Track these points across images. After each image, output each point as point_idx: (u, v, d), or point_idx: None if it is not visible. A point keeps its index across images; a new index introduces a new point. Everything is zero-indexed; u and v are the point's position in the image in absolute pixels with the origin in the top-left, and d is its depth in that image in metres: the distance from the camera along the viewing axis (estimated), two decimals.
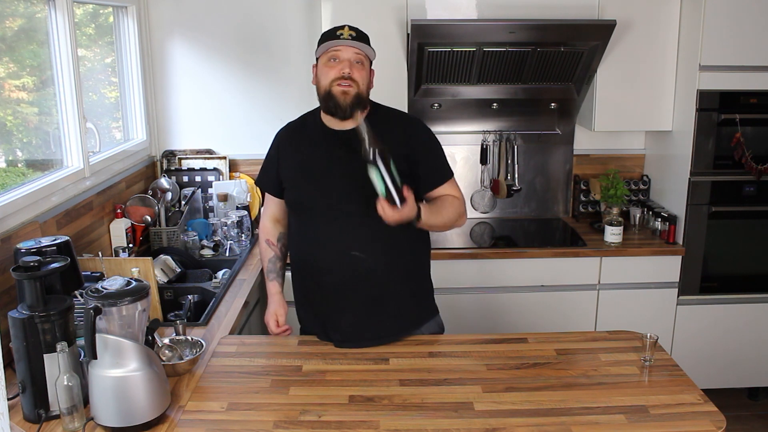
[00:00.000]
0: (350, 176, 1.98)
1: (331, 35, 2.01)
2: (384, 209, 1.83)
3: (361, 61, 2.01)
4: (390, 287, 2.08)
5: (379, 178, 1.80)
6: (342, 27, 2.02)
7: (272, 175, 2.17)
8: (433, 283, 2.26)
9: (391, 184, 1.80)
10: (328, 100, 2.01)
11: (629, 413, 1.66)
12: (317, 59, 2.07)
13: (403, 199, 1.83)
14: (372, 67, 2.09)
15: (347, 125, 2.04)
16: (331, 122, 2.07)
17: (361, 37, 2.02)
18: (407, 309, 2.12)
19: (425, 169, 2.08)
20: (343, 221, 2.02)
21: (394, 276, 2.08)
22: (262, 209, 2.33)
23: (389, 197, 1.81)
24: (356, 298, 2.06)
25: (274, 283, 2.26)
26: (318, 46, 2.07)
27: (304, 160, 2.09)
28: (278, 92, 3.50)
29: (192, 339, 2.01)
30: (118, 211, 2.89)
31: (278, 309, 2.24)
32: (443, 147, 2.15)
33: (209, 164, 3.49)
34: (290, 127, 2.21)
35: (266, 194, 2.26)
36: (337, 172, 2.03)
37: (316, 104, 2.13)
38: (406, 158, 2.00)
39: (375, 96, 2.15)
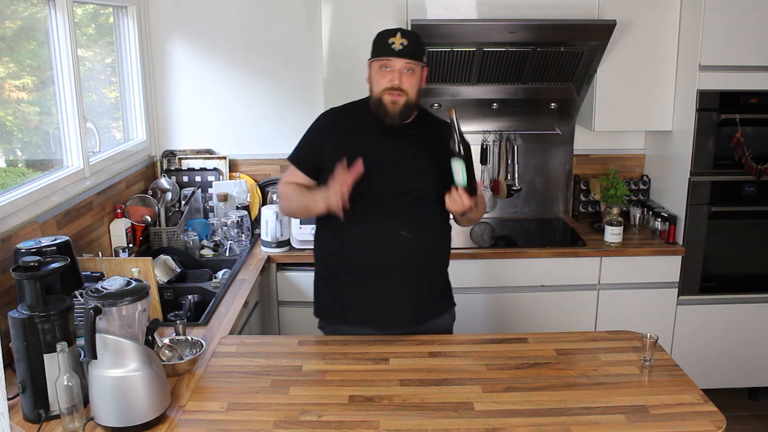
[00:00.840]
0: (400, 162, 2.13)
1: (383, 43, 2.08)
2: (462, 197, 2.00)
3: (411, 69, 2.08)
4: (426, 270, 2.20)
5: (462, 169, 1.99)
6: (394, 34, 2.07)
7: (312, 154, 2.19)
8: None
9: (471, 177, 2.01)
10: (379, 107, 2.11)
11: (629, 413, 1.66)
12: (370, 59, 2.14)
13: (475, 191, 2.04)
14: (425, 66, 2.14)
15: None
16: None
17: (411, 47, 2.06)
18: (437, 294, 2.26)
19: None
20: (392, 203, 2.12)
21: (430, 259, 2.20)
22: (280, 183, 2.28)
23: (468, 187, 2.01)
24: (397, 279, 2.14)
25: (317, 189, 2.13)
26: (372, 45, 2.12)
27: (355, 145, 2.13)
28: (278, 92, 3.50)
29: (192, 339, 2.01)
30: (118, 211, 2.89)
31: (343, 177, 2.00)
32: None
33: (209, 164, 3.49)
34: (337, 111, 2.26)
35: (294, 172, 2.23)
36: (387, 158, 2.13)
37: (317, 103, 2.15)
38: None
39: None
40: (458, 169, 1.99)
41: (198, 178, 3.46)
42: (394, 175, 2.12)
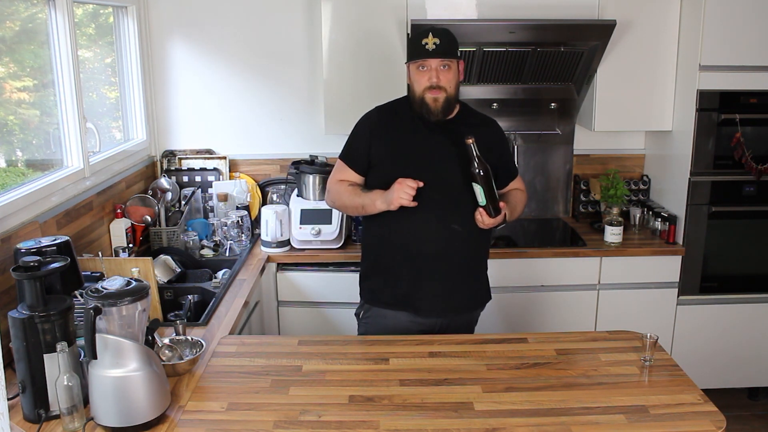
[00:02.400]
0: (449, 158, 2.22)
1: (417, 45, 2.17)
2: (483, 216, 2.15)
3: (447, 65, 2.18)
4: (473, 263, 2.35)
5: (481, 192, 2.12)
6: (426, 34, 2.16)
7: (361, 152, 2.28)
8: None
9: (490, 199, 2.12)
10: (421, 106, 2.21)
11: (629, 413, 1.66)
12: (408, 61, 2.25)
13: (498, 211, 2.15)
14: (460, 59, 2.23)
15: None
16: None
17: (444, 45, 2.15)
18: (479, 286, 2.41)
19: (501, 166, 2.32)
20: (443, 197, 2.22)
21: (477, 253, 2.36)
22: (330, 180, 2.36)
23: (488, 208, 2.14)
24: (447, 269, 2.26)
25: (377, 189, 2.22)
26: (407, 48, 2.22)
27: (403, 142, 2.26)
28: (278, 92, 3.50)
29: (192, 339, 2.01)
30: (118, 211, 2.89)
31: (406, 180, 2.13)
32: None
33: (209, 164, 3.49)
34: (382, 110, 2.34)
35: (344, 170, 2.32)
36: (436, 154, 2.24)
37: (317, 103, 2.15)
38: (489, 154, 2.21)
39: (376, 95, 2.18)
40: (478, 191, 2.13)
41: (198, 178, 3.46)
42: (442, 169, 2.22)
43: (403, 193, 2.11)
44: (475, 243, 2.32)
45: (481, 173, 2.10)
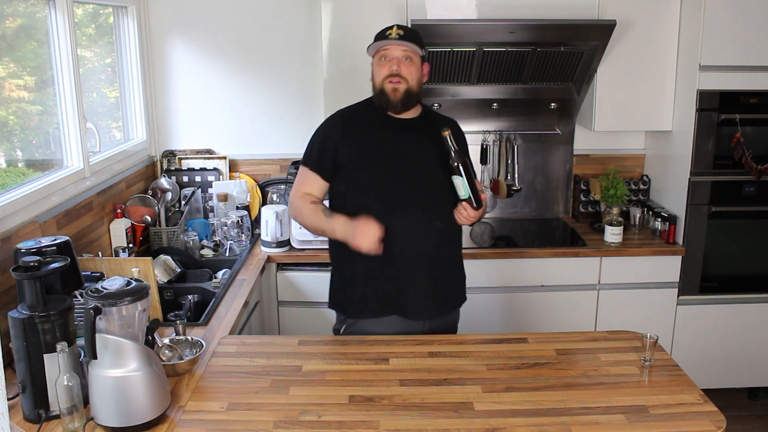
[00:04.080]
0: (418, 154, 2.18)
1: (381, 35, 2.16)
2: (467, 210, 2.09)
3: (409, 57, 2.14)
4: (455, 260, 2.30)
5: (463, 185, 2.06)
6: (391, 27, 2.15)
7: (327, 157, 2.19)
8: None
9: (472, 190, 2.06)
10: (381, 97, 2.16)
11: (629, 413, 1.66)
12: (372, 58, 2.20)
13: (480, 203, 2.09)
14: (423, 56, 2.19)
15: (408, 114, 2.21)
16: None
17: (408, 35, 2.14)
18: (459, 284, 2.34)
19: None
20: (421, 194, 2.16)
21: (458, 249, 2.30)
22: (293, 192, 2.25)
23: (470, 201, 2.08)
24: (433, 268, 2.20)
25: (340, 216, 2.12)
26: (371, 44, 2.17)
27: (370, 143, 2.20)
28: (278, 92, 3.50)
29: (192, 339, 2.01)
30: (118, 211, 2.89)
31: (369, 221, 2.05)
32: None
33: (209, 164, 3.49)
34: (346, 113, 2.28)
35: (309, 177, 2.22)
36: (405, 152, 2.18)
37: (317, 103, 2.16)
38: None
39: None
40: (459, 184, 2.07)
41: (198, 178, 3.46)
42: (413, 166, 2.18)
43: (366, 241, 2.01)
44: (455, 239, 2.28)
45: (462, 165, 2.05)
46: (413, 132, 2.20)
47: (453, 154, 2.05)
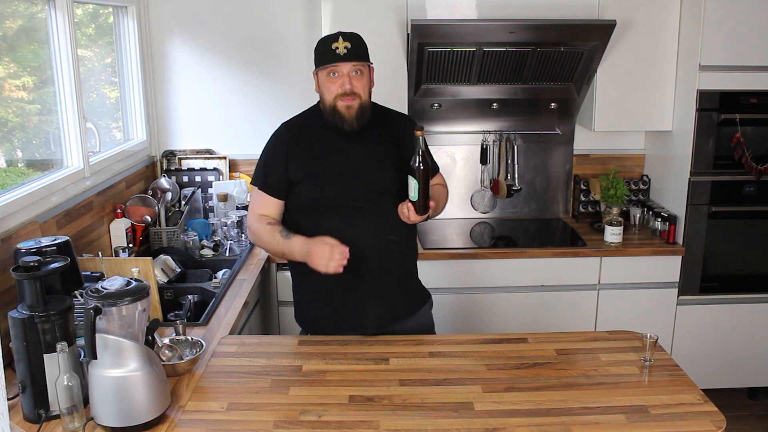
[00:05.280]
0: (371, 165, 2.11)
1: (326, 50, 2.05)
2: (409, 212, 2.01)
3: (359, 70, 2.06)
4: (409, 268, 2.26)
5: (416, 188, 1.99)
6: (336, 38, 2.05)
7: (278, 176, 2.12)
8: (434, 282, 2.28)
9: (423, 196, 2.00)
10: (334, 115, 2.08)
11: (629, 413, 1.66)
12: (316, 68, 2.11)
13: (426, 209, 2.02)
14: (371, 65, 2.12)
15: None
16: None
17: (355, 49, 2.04)
18: (418, 288, 2.30)
19: None
20: (373, 207, 2.10)
21: (411, 257, 2.25)
22: (249, 215, 2.19)
23: (417, 205, 2.01)
24: (386, 282, 2.16)
25: (297, 237, 2.05)
26: (315, 55, 2.11)
27: (320, 156, 2.11)
28: (278, 91, 3.50)
29: (192, 339, 2.01)
30: (118, 211, 2.89)
31: (327, 240, 1.98)
32: (444, 147, 2.20)
33: (209, 164, 3.49)
34: (292, 126, 2.19)
35: (261, 198, 2.15)
36: (357, 163, 2.11)
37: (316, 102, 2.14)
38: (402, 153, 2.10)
39: (376, 96, 2.16)
40: (412, 185, 2.00)
41: (198, 178, 3.46)
42: (366, 178, 2.10)
43: (323, 260, 1.93)
44: (408, 250, 2.22)
45: (422, 168, 1.97)
46: (364, 141, 2.12)
47: (418, 155, 1.97)
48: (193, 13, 3.40)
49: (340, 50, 2.03)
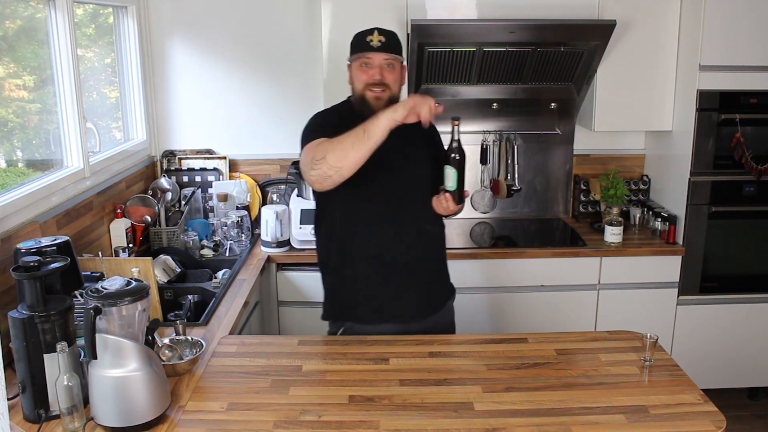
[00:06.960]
0: (403, 155, 2.13)
1: (361, 42, 2.11)
2: (448, 202, 2.03)
3: (391, 63, 2.11)
4: (443, 259, 2.31)
5: (454, 177, 2.02)
6: (372, 32, 2.10)
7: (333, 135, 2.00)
8: None
9: (460, 184, 2.03)
10: (363, 104, 2.11)
11: (629, 413, 1.66)
12: (350, 60, 2.16)
13: (463, 200, 2.06)
14: (404, 63, 2.18)
15: None
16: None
17: (389, 43, 2.10)
18: (448, 280, 2.35)
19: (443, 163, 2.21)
20: (410, 198, 2.15)
21: (444, 249, 2.31)
22: (307, 152, 2.03)
23: (455, 194, 2.04)
24: (425, 271, 2.21)
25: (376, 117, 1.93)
26: (350, 47, 2.15)
27: None
28: (278, 92, 3.50)
29: (192, 339, 2.01)
30: (118, 211, 2.89)
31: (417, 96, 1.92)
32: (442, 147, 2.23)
33: (209, 164, 3.49)
34: (327, 114, 2.24)
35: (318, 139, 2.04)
36: (392, 155, 2.09)
37: (316, 103, 2.15)
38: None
39: None
40: (450, 175, 2.03)
41: (198, 178, 3.46)
42: (401, 170, 2.15)
43: (426, 106, 1.87)
44: (443, 241, 2.29)
45: (459, 157, 2.01)
46: (397, 133, 2.00)
47: (455, 145, 2.01)
48: (193, 13, 3.40)
49: (374, 42, 2.08)
